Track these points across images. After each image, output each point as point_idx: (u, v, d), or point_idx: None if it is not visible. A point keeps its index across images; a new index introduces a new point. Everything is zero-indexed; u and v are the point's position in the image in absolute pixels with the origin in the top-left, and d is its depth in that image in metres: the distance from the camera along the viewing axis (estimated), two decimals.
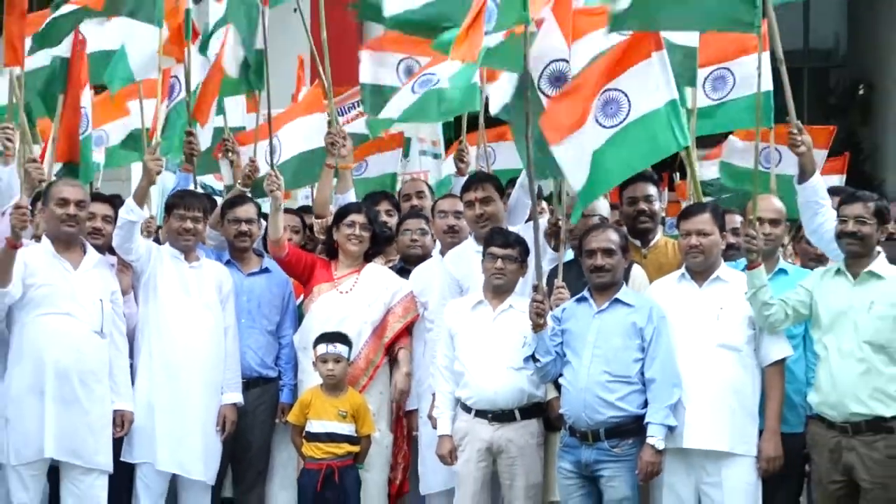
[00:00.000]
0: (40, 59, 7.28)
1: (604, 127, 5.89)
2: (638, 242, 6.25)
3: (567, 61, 6.17)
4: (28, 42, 6.98)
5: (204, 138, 7.63)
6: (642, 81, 5.90)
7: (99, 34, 7.34)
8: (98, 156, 7.49)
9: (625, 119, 5.87)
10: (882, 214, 5.41)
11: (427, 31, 7.13)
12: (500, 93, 6.51)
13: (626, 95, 5.89)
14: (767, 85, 6.53)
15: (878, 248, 5.45)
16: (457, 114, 7.52)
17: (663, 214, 6.73)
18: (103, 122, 7.85)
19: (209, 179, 8.41)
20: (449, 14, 6.87)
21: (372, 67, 7.83)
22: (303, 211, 7.52)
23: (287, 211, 7.18)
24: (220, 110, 7.78)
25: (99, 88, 7.65)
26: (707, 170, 8.61)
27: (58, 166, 7.15)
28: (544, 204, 6.34)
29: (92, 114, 7.19)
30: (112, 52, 7.31)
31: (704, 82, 7.27)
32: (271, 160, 7.18)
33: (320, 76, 7.71)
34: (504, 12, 5.72)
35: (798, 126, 5.51)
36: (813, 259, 6.44)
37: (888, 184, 13.42)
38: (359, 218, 6.45)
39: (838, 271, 5.42)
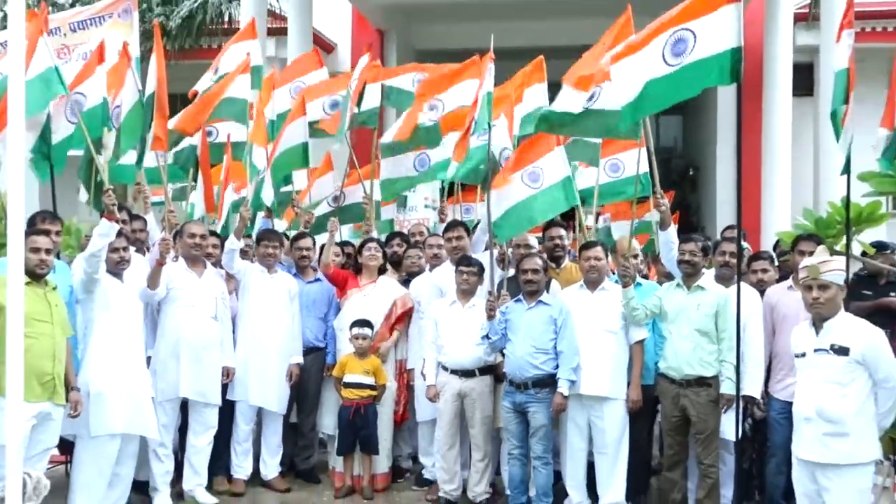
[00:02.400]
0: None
1: (528, 187, 5.94)
2: (554, 265, 6.28)
3: (511, 149, 6.22)
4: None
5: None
6: (550, 164, 5.98)
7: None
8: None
9: (540, 186, 5.95)
10: (706, 250, 5.51)
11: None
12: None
13: (542, 171, 5.98)
14: (637, 168, 6.56)
15: (704, 271, 5.52)
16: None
17: (570, 248, 6.72)
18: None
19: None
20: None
21: (391, 165, 7.49)
22: (343, 244, 7.57)
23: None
24: (290, 180, 7.74)
25: None
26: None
27: (198, 213, 7.22)
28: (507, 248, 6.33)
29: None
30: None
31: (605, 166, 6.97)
32: (336, 213, 7.16)
33: (355, 166, 7.72)
34: (478, 123, 5.81)
35: (661, 193, 5.59)
36: (665, 276, 6.38)
37: (707, 230, 13.68)
38: (373, 244, 6.58)
39: (678, 285, 5.49)
